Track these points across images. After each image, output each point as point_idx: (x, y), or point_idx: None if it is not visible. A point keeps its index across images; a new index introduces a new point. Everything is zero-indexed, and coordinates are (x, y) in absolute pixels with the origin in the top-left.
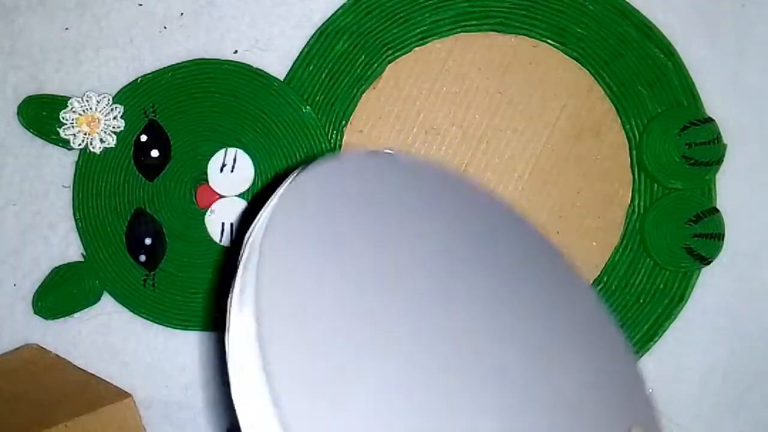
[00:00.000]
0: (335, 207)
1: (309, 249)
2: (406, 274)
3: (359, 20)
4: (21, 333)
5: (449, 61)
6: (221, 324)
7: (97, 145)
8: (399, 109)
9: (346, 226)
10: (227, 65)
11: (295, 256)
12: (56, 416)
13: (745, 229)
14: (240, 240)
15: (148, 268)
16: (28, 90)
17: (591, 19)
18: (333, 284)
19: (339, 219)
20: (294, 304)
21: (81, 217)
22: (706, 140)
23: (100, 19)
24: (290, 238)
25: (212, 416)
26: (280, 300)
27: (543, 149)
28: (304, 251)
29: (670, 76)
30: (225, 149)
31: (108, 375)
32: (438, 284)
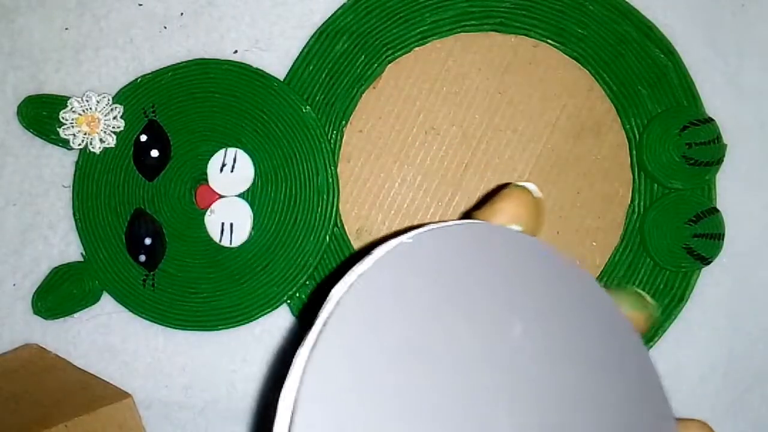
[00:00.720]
0: (422, 284)
1: (385, 326)
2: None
3: (359, 20)
4: (21, 333)
5: (449, 61)
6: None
7: (97, 145)
8: (399, 109)
9: (427, 306)
10: (227, 65)
11: (368, 331)
12: (56, 416)
13: (745, 229)
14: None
15: (147, 268)
16: (28, 90)
17: (591, 19)
18: (397, 365)
19: (423, 297)
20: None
21: (81, 217)
22: (706, 140)
23: (100, 19)
24: (368, 309)
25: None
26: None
27: (543, 149)
28: (380, 326)
29: (670, 76)
30: (225, 149)
31: (108, 375)
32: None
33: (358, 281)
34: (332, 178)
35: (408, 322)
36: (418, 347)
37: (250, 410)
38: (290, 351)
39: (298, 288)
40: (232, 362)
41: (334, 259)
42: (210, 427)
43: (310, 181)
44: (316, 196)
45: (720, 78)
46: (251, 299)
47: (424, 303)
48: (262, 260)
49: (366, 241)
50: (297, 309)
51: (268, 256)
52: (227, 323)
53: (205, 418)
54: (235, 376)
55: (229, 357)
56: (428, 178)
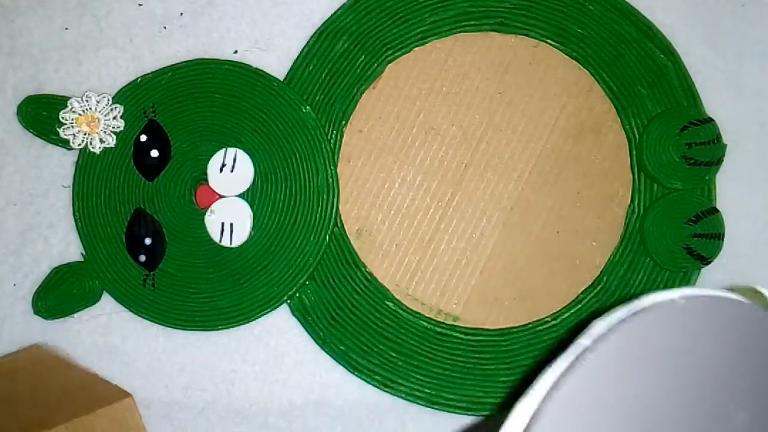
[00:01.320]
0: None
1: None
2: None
3: (359, 20)
4: (21, 333)
5: (449, 61)
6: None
7: (97, 145)
8: (399, 109)
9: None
10: (227, 65)
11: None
12: (56, 416)
13: (745, 229)
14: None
15: (148, 268)
16: (28, 90)
17: (591, 19)
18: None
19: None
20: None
21: (81, 217)
22: (706, 140)
23: (100, 19)
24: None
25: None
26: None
27: (543, 149)
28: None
29: (670, 76)
30: (225, 149)
31: (108, 375)
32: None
33: (623, 325)
34: (332, 178)
35: (654, 385)
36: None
37: (249, 410)
38: (290, 351)
39: (298, 288)
40: (232, 362)
41: (334, 259)
42: (210, 427)
43: (310, 181)
44: (316, 196)
45: (720, 78)
46: (251, 299)
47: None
48: (262, 260)
49: (366, 241)
50: (297, 309)
51: (268, 256)
52: (227, 323)
53: (205, 418)
54: (235, 376)
55: (229, 357)
56: (428, 178)
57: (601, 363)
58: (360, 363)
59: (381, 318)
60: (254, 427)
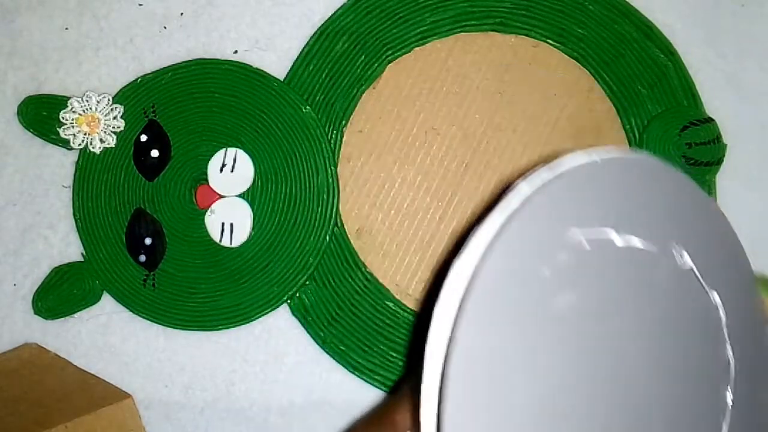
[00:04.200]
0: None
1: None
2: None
3: (359, 20)
4: (21, 333)
5: (449, 61)
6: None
7: (97, 145)
8: (399, 109)
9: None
10: (227, 65)
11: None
12: (56, 416)
13: (745, 229)
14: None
15: (148, 268)
16: (28, 90)
17: (591, 19)
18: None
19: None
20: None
21: (81, 217)
22: (706, 140)
23: (100, 19)
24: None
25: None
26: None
27: (543, 149)
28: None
29: (670, 76)
30: (225, 149)
31: (108, 375)
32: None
33: (552, 182)
34: (332, 178)
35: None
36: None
37: (249, 410)
38: (290, 351)
39: (298, 288)
40: (232, 362)
41: (334, 259)
42: (210, 427)
43: (310, 181)
44: (316, 196)
45: (720, 78)
46: (251, 299)
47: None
48: (262, 260)
49: (366, 241)
50: (297, 309)
51: (268, 256)
52: (227, 323)
53: (205, 418)
54: (235, 376)
55: (229, 357)
56: (428, 178)
57: (532, 220)
58: (360, 363)
59: (381, 318)
60: (254, 427)
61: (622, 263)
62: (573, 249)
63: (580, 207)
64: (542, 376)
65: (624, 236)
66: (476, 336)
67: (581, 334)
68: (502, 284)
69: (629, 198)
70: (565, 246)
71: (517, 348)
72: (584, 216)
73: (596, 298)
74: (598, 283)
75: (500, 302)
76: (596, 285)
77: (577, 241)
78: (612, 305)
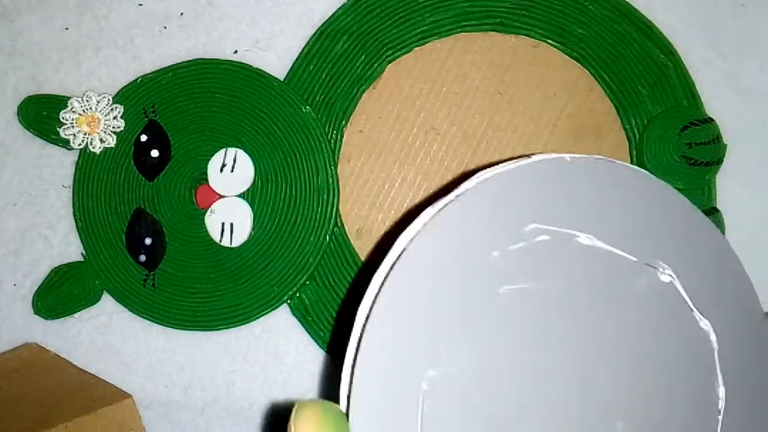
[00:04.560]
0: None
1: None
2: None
3: (359, 20)
4: (21, 333)
5: (449, 61)
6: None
7: (97, 145)
8: (399, 109)
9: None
10: (227, 65)
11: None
12: (56, 416)
13: (745, 229)
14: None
15: (148, 268)
16: (28, 90)
17: (591, 19)
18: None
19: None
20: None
21: (81, 217)
22: (706, 140)
23: (100, 19)
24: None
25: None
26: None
27: (543, 149)
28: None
29: (670, 76)
30: (225, 149)
31: (108, 375)
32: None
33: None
34: (332, 178)
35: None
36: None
37: (249, 410)
38: (290, 351)
39: (298, 288)
40: (232, 362)
41: (334, 259)
42: (210, 427)
43: (310, 181)
44: (316, 196)
45: (720, 78)
46: (251, 299)
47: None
48: (262, 260)
49: (366, 241)
50: (297, 309)
51: (268, 256)
52: (227, 323)
53: (205, 418)
54: (235, 376)
55: (229, 357)
56: (428, 178)
57: (479, 196)
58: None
59: None
60: (254, 427)
61: (585, 262)
62: (529, 239)
63: (546, 203)
64: (466, 351)
65: (591, 237)
66: (396, 297)
67: (524, 321)
68: (438, 255)
69: (606, 203)
70: (522, 235)
71: (441, 316)
72: (550, 213)
73: (548, 290)
74: (553, 275)
75: (433, 270)
76: (550, 276)
77: (535, 232)
78: (567, 300)
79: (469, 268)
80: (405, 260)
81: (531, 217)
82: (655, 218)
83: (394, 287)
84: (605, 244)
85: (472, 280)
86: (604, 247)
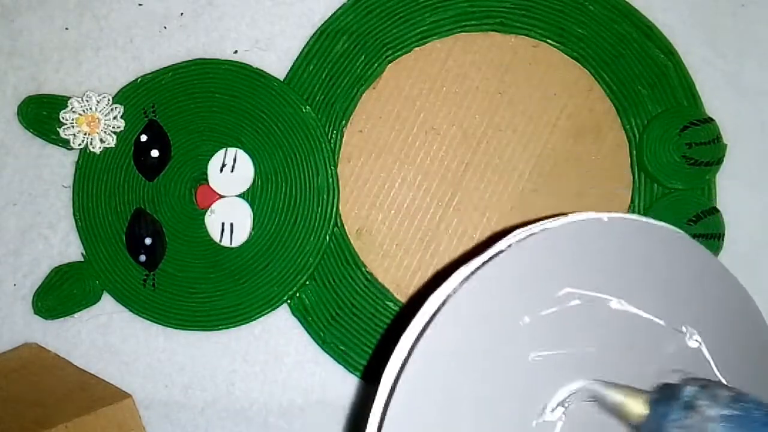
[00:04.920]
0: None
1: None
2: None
3: (359, 20)
4: (21, 333)
5: (449, 61)
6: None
7: (97, 145)
8: (399, 109)
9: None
10: (227, 65)
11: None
12: (56, 417)
13: (745, 229)
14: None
15: (148, 268)
16: (28, 90)
17: (591, 19)
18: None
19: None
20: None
21: (81, 217)
22: (706, 140)
23: (100, 19)
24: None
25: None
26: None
27: (543, 149)
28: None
29: (670, 76)
30: (225, 149)
31: (108, 375)
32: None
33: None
34: (332, 178)
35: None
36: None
37: (249, 410)
38: (290, 351)
39: (298, 288)
40: (232, 362)
41: (334, 259)
42: (210, 427)
43: (310, 181)
44: (316, 196)
45: (720, 78)
46: (251, 299)
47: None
48: (262, 260)
49: (366, 241)
50: (297, 309)
51: (268, 256)
52: (227, 323)
53: (205, 418)
54: (235, 376)
55: (229, 357)
56: (428, 178)
57: (513, 259)
58: (360, 363)
59: (381, 318)
60: (254, 427)
61: (615, 326)
62: (562, 304)
63: (580, 266)
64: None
65: (623, 302)
66: (426, 365)
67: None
68: (471, 320)
69: (637, 265)
70: (554, 300)
71: (476, 381)
72: (583, 276)
73: (578, 356)
74: (582, 341)
75: (468, 336)
76: (580, 342)
77: (568, 297)
78: (596, 367)
79: (500, 335)
80: (436, 325)
81: (565, 280)
82: (685, 280)
83: (425, 355)
84: (636, 308)
85: (503, 346)
86: (634, 311)
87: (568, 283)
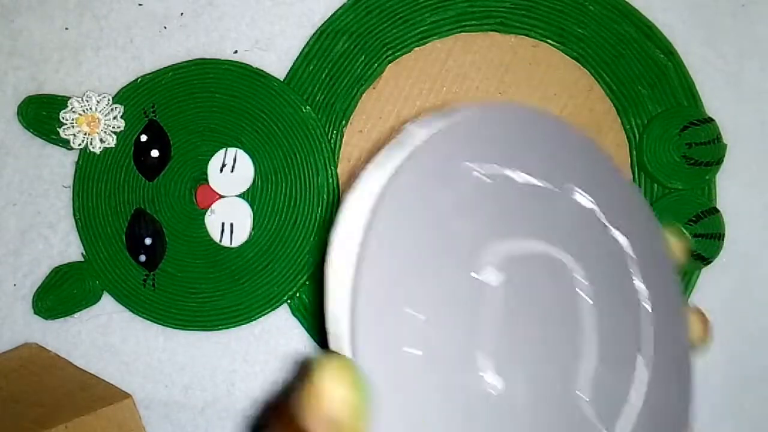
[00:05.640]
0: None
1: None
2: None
3: (359, 20)
4: (21, 333)
5: (449, 61)
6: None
7: (97, 145)
8: (399, 109)
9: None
10: (227, 65)
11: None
12: (56, 417)
13: (745, 229)
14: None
15: (148, 268)
16: (28, 90)
17: (591, 19)
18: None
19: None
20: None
21: (81, 217)
22: (706, 140)
23: (100, 19)
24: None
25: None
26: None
27: None
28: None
29: (670, 76)
30: (225, 149)
31: (108, 375)
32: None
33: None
34: (332, 178)
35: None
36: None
37: (249, 410)
38: (290, 351)
39: (298, 288)
40: (232, 362)
41: None
42: (210, 427)
43: (310, 181)
44: (316, 196)
45: (720, 78)
46: (251, 299)
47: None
48: (262, 260)
49: None
50: (297, 309)
51: (268, 256)
52: (227, 323)
53: (205, 418)
54: (235, 376)
55: (229, 357)
56: None
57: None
58: None
59: None
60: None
61: (525, 198)
62: (472, 180)
63: (474, 145)
64: (435, 293)
65: (521, 174)
66: (384, 248)
67: (479, 257)
68: (407, 203)
69: (519, 141)
70: (465, 177)
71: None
72: (478, 154)
73: (501, 227)
74: (504, 214)
75: (405, 222)
76: (501, 215)
77: (474, 174)
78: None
79: (434, 212)
80: (386, 208)
81: (467, 160)
82: (554, 147)
83: (380, 237)
84: (533, 178)
85: (439, 225)
86: (534, 181)
87: (468, 160)
